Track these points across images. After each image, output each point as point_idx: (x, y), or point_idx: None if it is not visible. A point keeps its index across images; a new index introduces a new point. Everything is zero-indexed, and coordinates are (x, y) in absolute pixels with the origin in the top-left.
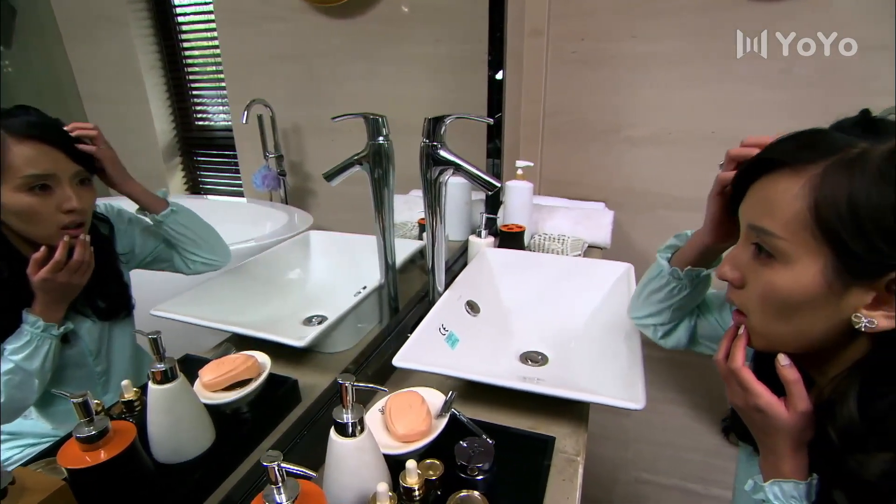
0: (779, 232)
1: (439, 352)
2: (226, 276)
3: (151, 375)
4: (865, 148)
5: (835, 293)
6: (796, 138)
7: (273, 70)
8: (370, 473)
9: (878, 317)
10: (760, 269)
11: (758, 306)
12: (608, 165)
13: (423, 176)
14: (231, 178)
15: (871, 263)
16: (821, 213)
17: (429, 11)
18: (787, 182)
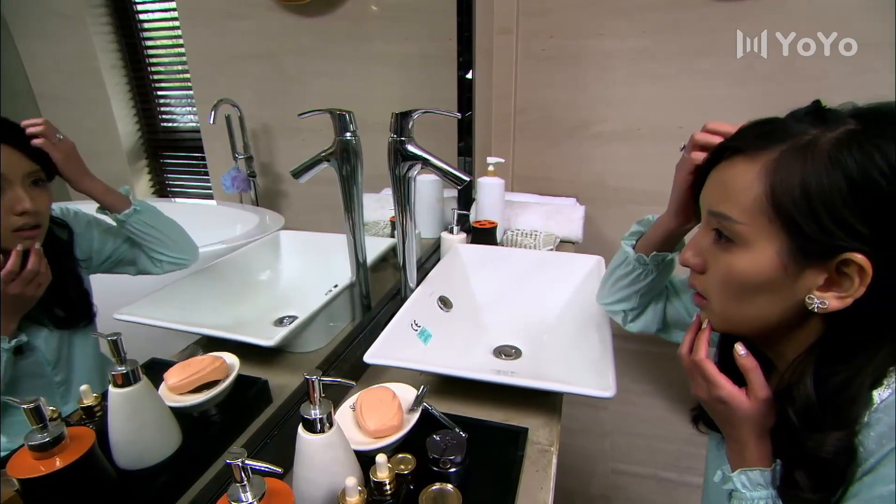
0: (737, 217)
1: (412, 347)
2: (193, 279)
3: (112, 379)
4: (816, 135)
5: (790, 276)
6: (754, 126)
7: (240, 69)
8: (340, 469)
9: (830, 298)
10: (721, 255)
11: (718, 290)
12: (579, 161)
13: (392, 172)
14: (200, 181)
15: (823, 245)
16: (776, 198)
17: (398, 9)
18: (745, 168)
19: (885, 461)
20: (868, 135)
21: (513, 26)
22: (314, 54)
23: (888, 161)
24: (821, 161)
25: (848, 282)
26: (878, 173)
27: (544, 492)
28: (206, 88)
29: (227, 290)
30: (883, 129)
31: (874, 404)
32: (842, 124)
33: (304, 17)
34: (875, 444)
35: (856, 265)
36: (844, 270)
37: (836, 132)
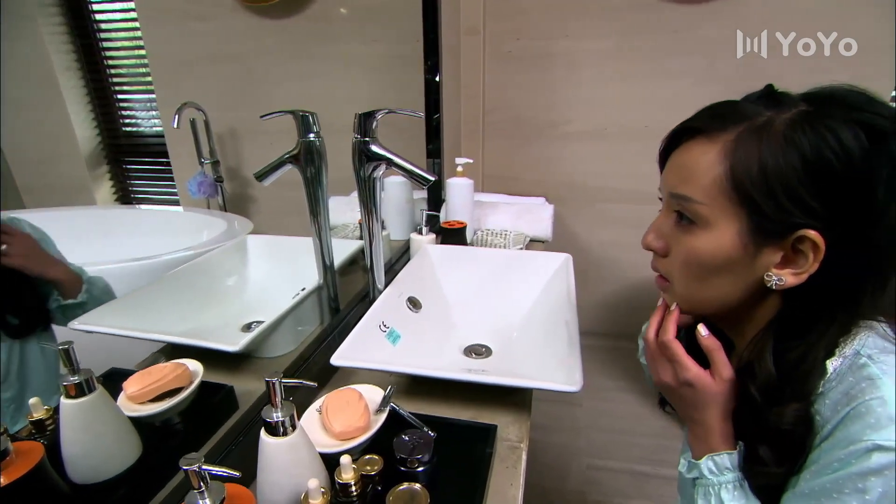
0: (698, 197)
1: (380, 349)
2: (157, 286)
3: (64, 389)
4: (771, 117)
5: (749, 254)
6: (711, 109)
7: (205, 72)
8: (304, 472)
9: (787, 274)
10: (682, 236)
11: (681, 271)
12: (548, 161)
13: (357, 173)
14: (165, 187)
15: (780, 223)
16: (736, 177)
17: (364, 11)
18: (704, 149)
19: (840, 426)
20: (820, 115)
21: (480, 27)
22: (280, 56)
23: (839, 140)
24: (777, 141)
25: (803, 258)
26: (830, 152)
27: (514, 488)
28: (170, 91)
29: (192, 297)
30: (833, 110)
31: (828, 374)
32: (794, 106)
33: (269, 18)
34: (830, 412)
35: (810, 242)
36: (799, 247)
37: (790, 114)
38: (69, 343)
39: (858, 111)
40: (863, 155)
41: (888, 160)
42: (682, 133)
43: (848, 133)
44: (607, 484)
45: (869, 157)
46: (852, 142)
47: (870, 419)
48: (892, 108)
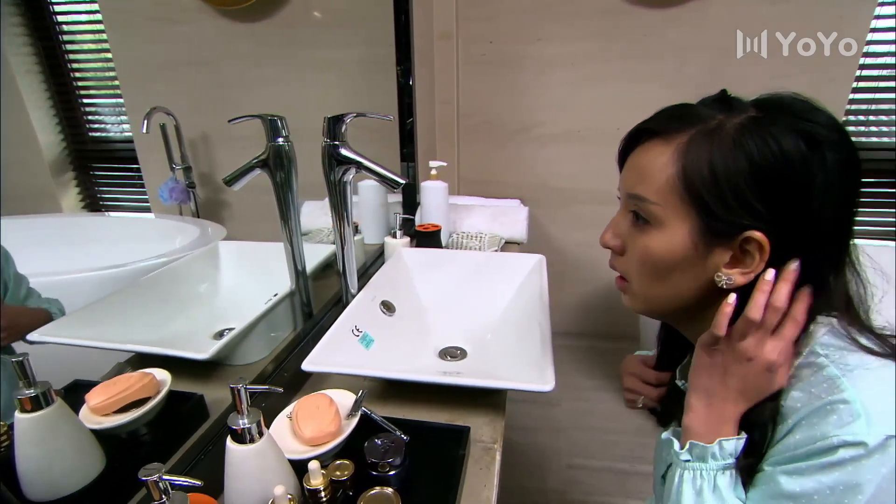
0: (652, 198)
1: (353, 353)
2: (123, 295)
3: (19, 403)
4: (722, 120)
5: (700, 254)
6: (667, 111)
7: (175, 76)
8: (272, 479)
9: (736, 274)
10: (638, 236)
11: (637, 270)
12: (523, 163)
13: (327, 177)
14: (135, 193)
15: (728, 224)
16: (687, 178)
17: (338, 15)
18: (658, 151)
19: (804, 426)
20: (766, 122)
21: (453, 31)
22: (253, 61)
23: (781, 147)
24: (726, 144)
25: (750, 259)
26: (773, 157)
27: (488, 489)
28: (138, 96)
29: (161, 305)
30: (779, 117)
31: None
32: (744, 111)
33: (240, 22)
34: (791, 409)
35: (756, 242)
36: (747, 248)
37: (740, 118)
38: (24, 355)
39: (801, 120)
40: (802, 162)
41: (823, 168)
42: (640, 134)
43: (790, 140)
44: (587, 482)
45: (807, 163)
46: (793, 149)
47: (834, 417)
48: (831, 117)
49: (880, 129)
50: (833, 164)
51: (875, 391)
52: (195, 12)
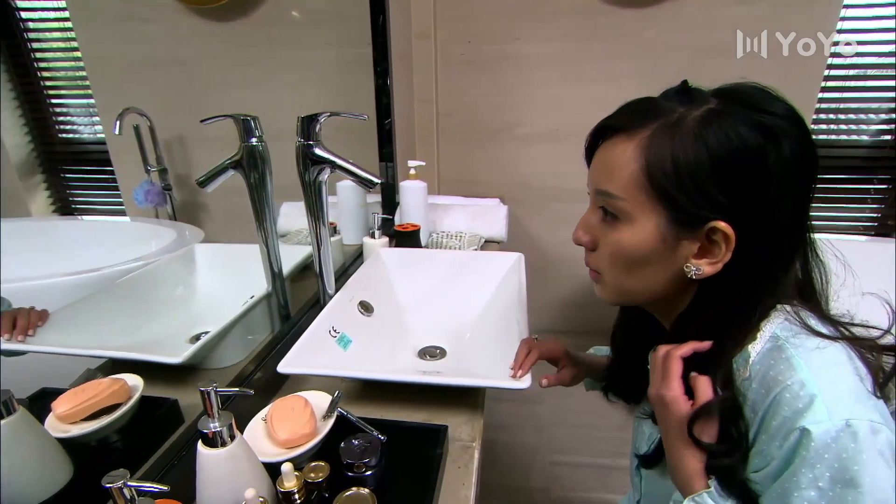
0: (619, 193)
1: (330, 354)
2: (94, 300)
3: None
4: (683, 113)
5: (668, 246)
6: (629, 106)
7: (148, 76)
8: (245, 483)
9: (704, 264)
10: (608, 231)
11: (609, 265)
12: (503, 163)
13: (301, 177)
14: (109, 196)
15: (692, 216)
16: (651, 172)
17: (315, 14)
18: (623, 146)
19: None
20: (726, 113)
21: (431, 31)
22: (229, 61)
23: (741, 137)
24: (687, 137)
25: (717, 248)
26: (733, 149)
27: (466, 487)
28: (110, 97)
29: (135, 310)
30: (737, 108)
31: (751, 358)
32: (705, 103)
33: (215, 21)
34: (758, 396)
35: (721, 233)
36: (713, 238)
37: (700, 110)
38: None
39: (759, 111)
40: (760, 152)
41: (780, 158)
42: (604, 130)
43: (749, 131)
44: (570, 478)
45: (765, 154)
46: (752, 140)
47: (796, 404)
48: (789, 108)
49: (849, 128)
50: (789, 154)
51: (830, 373)
52: (168, 10)
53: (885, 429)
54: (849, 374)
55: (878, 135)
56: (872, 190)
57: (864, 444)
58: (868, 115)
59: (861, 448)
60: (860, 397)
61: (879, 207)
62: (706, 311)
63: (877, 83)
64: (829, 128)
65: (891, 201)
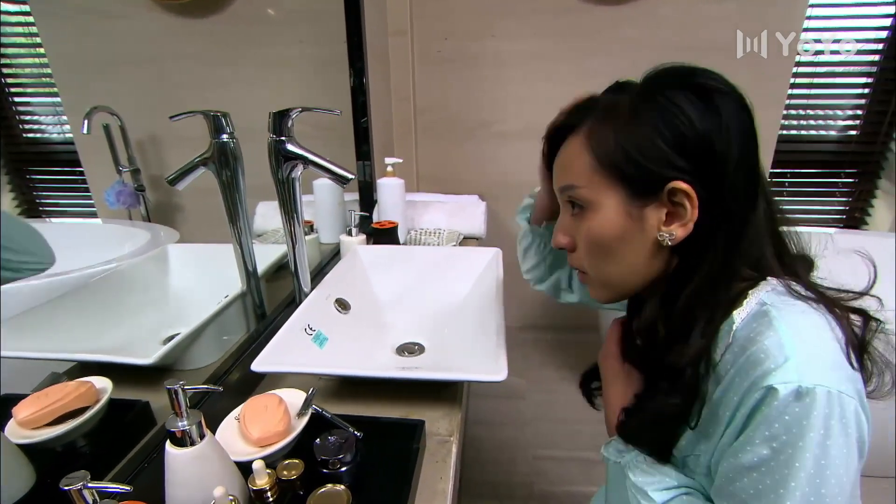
0: (577, 182)
1: (306, 352)
2: (61, 302)
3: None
4: (617, 99)
5: (635, 219)
6: (573, 106)
7: (118, 74)
8: (215, 483)
9: (675, 228)
10: (580, 224)
11: (588, 257)
12: (482, 160)
13: (274, 175)
14: (79, 197)
15: (649, 182)
16: (599, 155)
17: (289, 11)
18: (572, 143)
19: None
20: (656, 88)
21: (407, 28)
22: (202, 59)
23: (675, 103)
24: (623, 114)
25: (683, 209)
26: (669, 113)
27: (444, 482)
28: (78, 95)
29: (104, 312)
30: (666, 80)
31: (735, 324)
32: (635, 87)
33: (187, 18)
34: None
35: (682, 192)
36: (676, 200)
37: (631, 93)
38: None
39: (688, 76)
40: (698, 113)
41: (717, 112)
42: (555, 135)
43: (681, 95)
44: (554, 472)
45: (701, 110)
46: (685, 102)
47: (768, 363)
48: (714, 71)
49: (818, 123)
50: (726, 106)
51: (810, 337)
52: (137, 6)
53: (853, 401)
54: (828, 341)
55: (844, 130)
56: (840, 183)
57: (829, 411)
58: (835, 111)
59: (824, 414)
60: (835, 366)
61: (847, 200)
62: (690, 276)
63: (843, 80)
64: (798, 123)
65: (857, 194)
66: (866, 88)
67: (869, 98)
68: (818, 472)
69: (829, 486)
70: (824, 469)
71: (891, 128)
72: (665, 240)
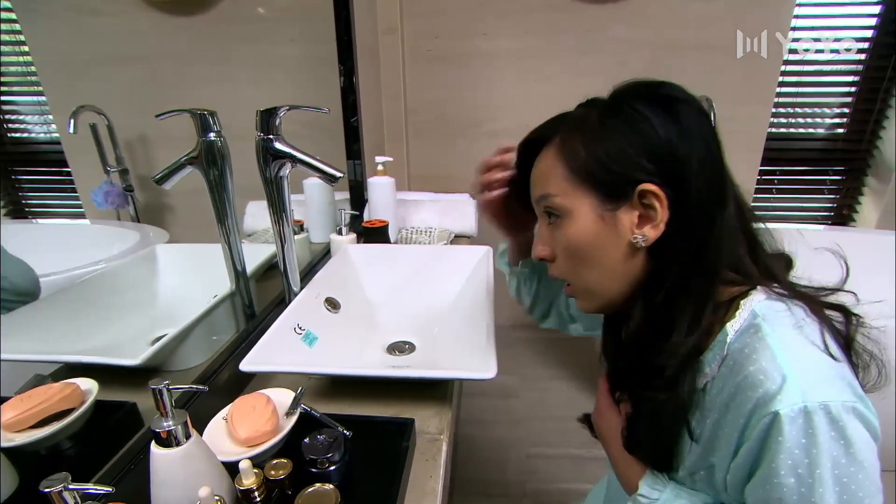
0: (553, 191)
1: (296, 352)
2: (47, 304)
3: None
4: (585, 113)
5: (609, 224)
6: (547, 122)
7: (105, 74)
8: (201, 483)
9: (647, 230)
10: (557, 233)
11: (568, 266)
12: (474, 159)
13: (262, 173)
14: (67, 198)
15: (618, 185)
16: (569, 164)
17: (280, 10)
18: (546, 154)
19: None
20: (623, 99)
21: (397, 26)
22: (192, 58)
23: (639, 112)
24: (592, 124)
25: (653, 211)
26: (633, 120)
27: (434, 480)
28: (64, 94)
29: (93, 313)
30: (630, 92)
31: (728, 336)
32: (603, 101)
33: (175, 16)
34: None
35: (652, 194)
36: (646, 202)
37: (600, 107)
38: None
39: (652, 87)
40: (660, 120)
41: (678, 119)
42: (528, 149)
43: (642, 103)
44: (546, 470)
45: (664, 118)
46: (647, 109)
47: (767, 385)
48: (676, 84)
49: (806, 121)
50: (687, 113)
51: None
52: (124, 4)
53: (858, 404)
54: (821, 352)
55: (832, 128)
56: (828, 181)
57: (842, 426)
58: (823, 108)
59: (839, 431)
60: (833, 377)
61: (835, 198)
62: (665, 279)
63: (830, 78)
64: (787, 121)
65: (844, 191)
66: (853, 87)
67: (855, 97)
68: (849, 477)
69: (859, 484)
70: (855, 474)
71: (876, 126)
72: (639, 241)
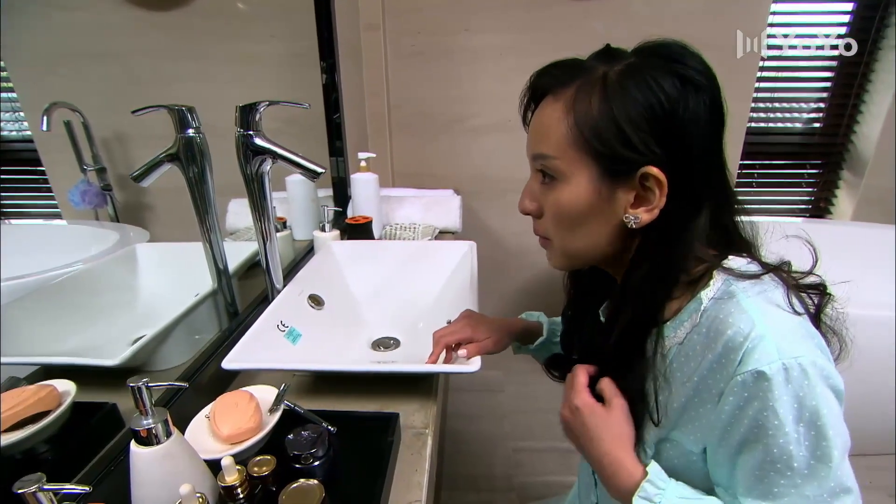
0: (552, 153)
1: (279, 349)
2: (22, 305)
3: None
4: (605, 70)
5: (605, 198)
6: (554, 66)
7: (80, 70)
8: (183, 481)
9: (641, 212)
10: (548, 193)
11: (553, 226)
12: (457, 155)
13: (243, 170)
14: (42, 198)
15: (622, 164)
16: (578, 128)
17: (258, 5)
18: (552, 108)
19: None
20: (645, 66)
21: (379, 22)
22: (169, 54)
23: (661, 87)
24: (610, 90)
25: (651, 195)
26: (654, 98)
27: (419, 474)
28: (36, 91)
29: (70, 314)
30: (655, 60)
31: (703, 303)
32: (625, 59)
33: (152, 11)
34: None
35: (653, 178)
36: (647, 185)
37: (621, 66)
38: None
39: (676, 62)
40: (679, 100)
41: (694, 105)
42: (534, 95)
43: (667, 81)
44: (532, 464)
45: (684, 100)
46: (671, 89)
47: (746, 345)
48: (703, 61)
49: (784, 115)
50: (703, 102)
51: (777, 314)
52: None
53: (828, 364)
54: (793, 315)
55: (809, 122)
56: (806, 174)
57: (815, 380)
58: (800, 103)
59: (813, 383)
60: (805, 335)
61: (812, 191)
62: (648, 259)
63: (807, 73)
64: (766, 115)
65: (822, 184)
66: (828, 82)
67: (831, 91)
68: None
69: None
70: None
71: (851, 120)
72: (630, 222)
